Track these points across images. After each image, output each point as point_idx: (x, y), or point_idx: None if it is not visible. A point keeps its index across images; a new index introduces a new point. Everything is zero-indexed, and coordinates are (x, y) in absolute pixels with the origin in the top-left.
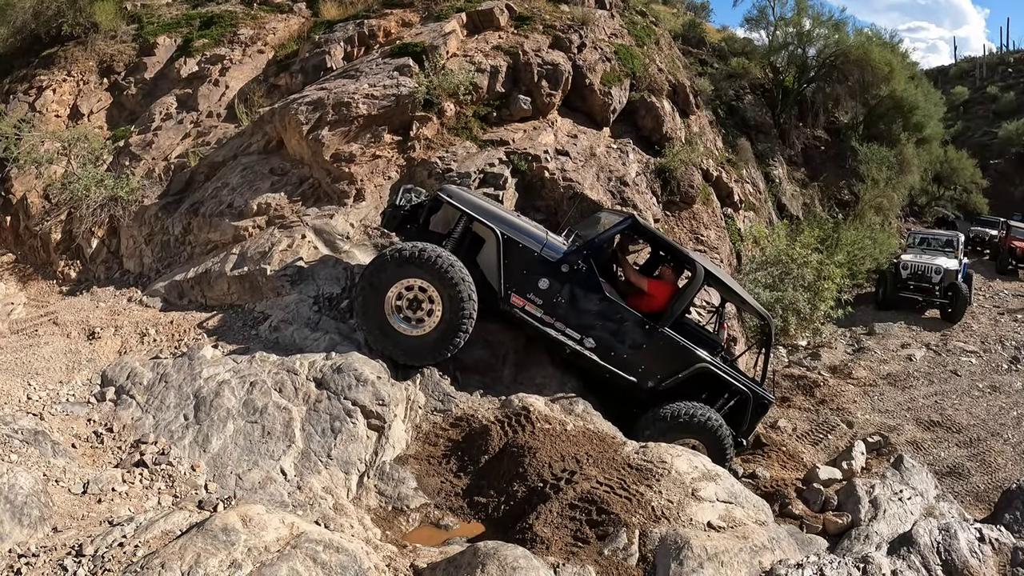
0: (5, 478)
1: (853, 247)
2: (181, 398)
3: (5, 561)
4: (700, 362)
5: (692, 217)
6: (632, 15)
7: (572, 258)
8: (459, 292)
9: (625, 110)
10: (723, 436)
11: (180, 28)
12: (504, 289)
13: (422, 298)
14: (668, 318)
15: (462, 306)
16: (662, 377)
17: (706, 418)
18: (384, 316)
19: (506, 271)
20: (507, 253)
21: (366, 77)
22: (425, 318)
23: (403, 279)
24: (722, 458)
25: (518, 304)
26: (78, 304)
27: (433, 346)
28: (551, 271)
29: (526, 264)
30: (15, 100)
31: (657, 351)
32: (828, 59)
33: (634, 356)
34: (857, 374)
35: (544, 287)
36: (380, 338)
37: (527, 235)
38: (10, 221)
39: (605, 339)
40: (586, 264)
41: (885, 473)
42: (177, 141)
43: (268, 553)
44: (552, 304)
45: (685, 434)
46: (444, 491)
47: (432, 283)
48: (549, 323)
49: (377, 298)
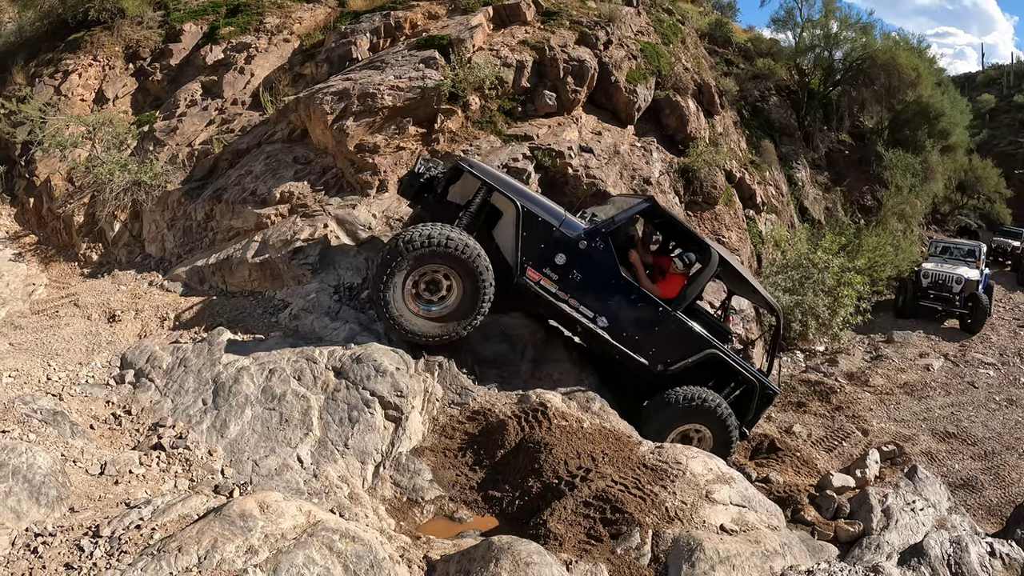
0: (24, 457)
1: (874, 253)
2: (200, 383)
3: (22, 540)
4: (710, 348)
5: (714, 218)
6: (658, 13)
7: (591, 236)
8: (481, 279)
9: (650, 108)
10: (730, 425)
11: (206, 15)
12: (520, 262)
13: (440, 281)
14: (681, 302)
15: (482, 290)
16: (672, 361)
17: (716, 404)
18: (402, 298)
19: (524, 244)
20: (526, 226)
21: (392, 68)
22: (445, 296)
23: (421, 267)
24: (727, 447)
25: (533, 278)
26: (99, 286)
27: (450, 326)
28: (569, 247)
29: (544, 238)
30: (41, 83)
31: (669, 334)
32: (854, 62)
33: (645, 338)
34: (874, 382)
35: (561, 263)
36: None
37: (547, 210)
38: (33, 203)
39: (618, 319)
40: (604, 243)
41: (898, 483)
42: (201, 127)
43: (285, 540)
44: (568, 280)
45: (693, 419)
46: (459, 484)
47: (452, 269)
48: (563, 299)
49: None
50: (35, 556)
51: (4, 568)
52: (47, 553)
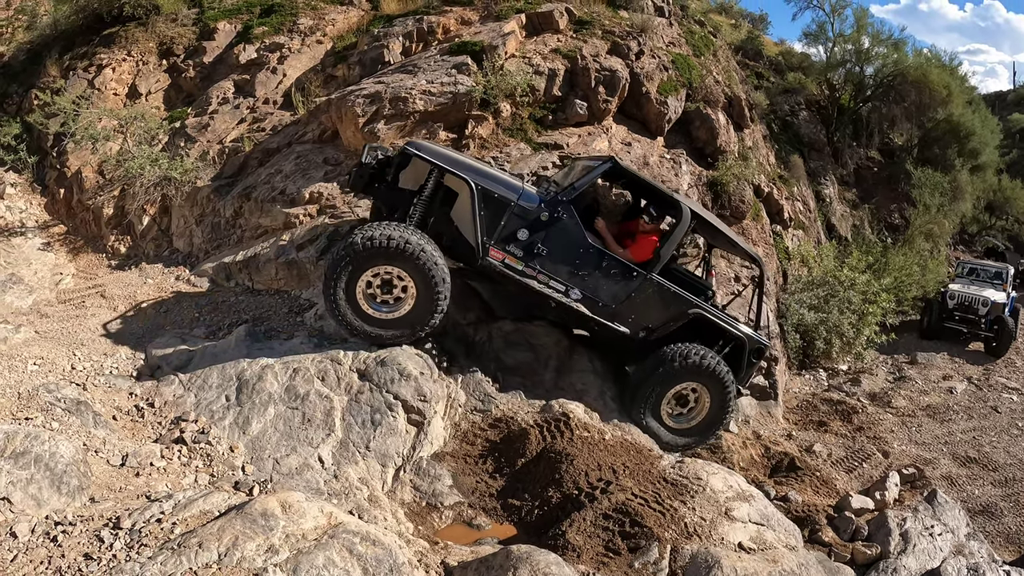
0: (47, 446)
1: (901, 273)
2: (224, 379)
3: (42, 527)
4: (693, 308)
5: (741, 232)
6: (690, 24)
7: (552, 206)
8: (430, 275)
9: (680, 120)
10: (728, 382)
11: (240, 14)
12: (481, 243)
13: (395, 283)
14: (656, 264)
15: (435, 287)
16: (653, 326)
17: (714, 361)
18: (356, 302)
19: (483, 224)
20: (483, 204)
21: (424, 73)
22: (401, 297)
23: (373, 268)
24: (724, 407)
25: (497, 258)
26: (126, 279)
27: (408, 326)
28: (530, 221)
29: (503, 215)
30: (75, 76)
31: (647, 299)
32: (885, 79)
33: (623, 306)
34: (896, 403)
35: (524, 238)
36: (351, 323)
37: (503, 185)
38: (64, 194)
39: (591, 289)
40: (567, 212)
41: (917, 507)
42: (233, 125)
43: (305, 541)
44: (533, 255)
45: (690, 378)
46: (479, 491)
47: (401, 268)
48: (531, 275)
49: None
50: (54, 544)
51: (24, 555)
52: (66, 542)
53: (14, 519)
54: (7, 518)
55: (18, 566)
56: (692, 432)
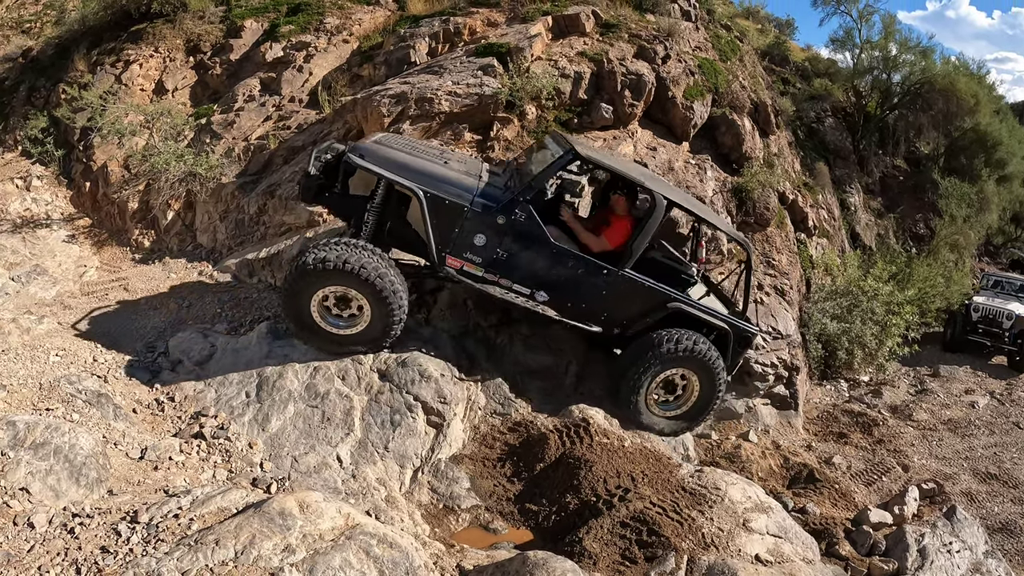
0: (67, 437)
1: (925, 284)
2: (244, 375)
3: (59, 519)
4: (670, 302)
5: (765, 240)
6: (717, 29)
7: (508, 210)
8: (380, 294)
9: (705, 125)
10: (718, 370)
11: (267, 13)
12: (437, 252)
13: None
14: (628, 259)
15: (387, 304)
16: (629, 322)
17: (705, 348)
18: (311, 318)
19: (436, 232)
20: (434, 213)
21: (450, 74)
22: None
23: (325, 287)
24: (713, 395)
25: (455, 266)
26: (149, 272)
27: (367, 341)
28: (487, 226)
29: (457, 222)
30: (102, 72)
31: (620, 296)
32: (912, 86)
33: (594, 304)
34: (918, 416)
35: (481, 243)
36: (310, 337)
37: (456, 187)
38: (89, 187)
39: (559, 290)
40: (524, 212)
41: (936, 522)
42: (258, 123)
43: (323, 541)
44: (493, 260)
45: (679, 365)
46: (496, 494)
47: (349, 287)
48: (492, 281)
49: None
50: (71, 536)
51: (40, 546)
52: (83, 534)
53: (32, 509)
54: (25, 508)
55: (35, 556)
56: (681, 419)
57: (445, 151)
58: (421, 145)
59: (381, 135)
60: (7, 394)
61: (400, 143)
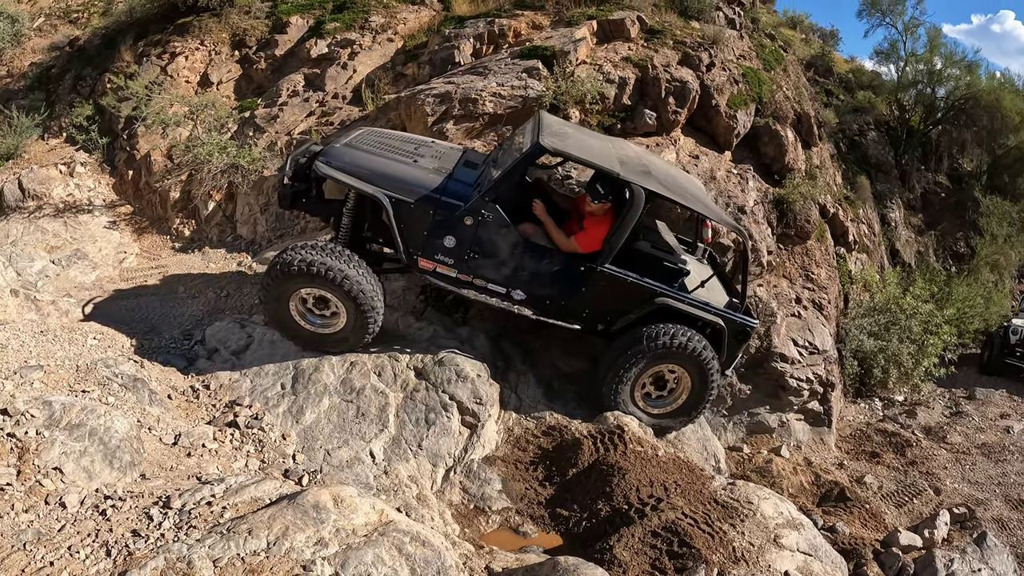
0: (102, 420)
1: (964, 304)
2: (280, 367)
3: (91, 500)
4: (657, 297)
5: (805, 253)
6: (761, 37)
7: (475, 210)
8: (353, 298)
9: (748, 135)
10: (711, 367)
11: (313, 10)
12: (408, 256)
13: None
14: (606, 256)
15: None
16: (612, 318)
17: (696, 343)
18: (292, 318)
19: (404, 236)
20: (400, 217)
21: (494, 76)
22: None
23: (302, 288)
24: (705, 391)
25: (427, 268)
26: (188, 261)
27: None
28: (455, 227)
29: (425, 224)
30: (148, 63)
31: (600, 292)
32: (957, 101)
33: (574, 302)
34: (952, 439)
35: (451, 245)
36: (292, 336)
37: (420, 188)
38: (132, 175)
39: (535, 288)
40: (491, 212)
41: (966, 548)
42: (301, 118)
43: (355, 536)
44: (465, 261)
45: (669, 360)
46: (527, 498)
47: (323, 290)
48: (466, 282)
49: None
50: (103, 518)
51: (71, 526)
52: (115, 517)
53: (64, 489)
54: (58, 488)
55: (65, 536)
56: (672, 415)
57: (422, 144)
58: (396, 140)
59: (356, 133)
60: (44, 375)
61: (371, 142)
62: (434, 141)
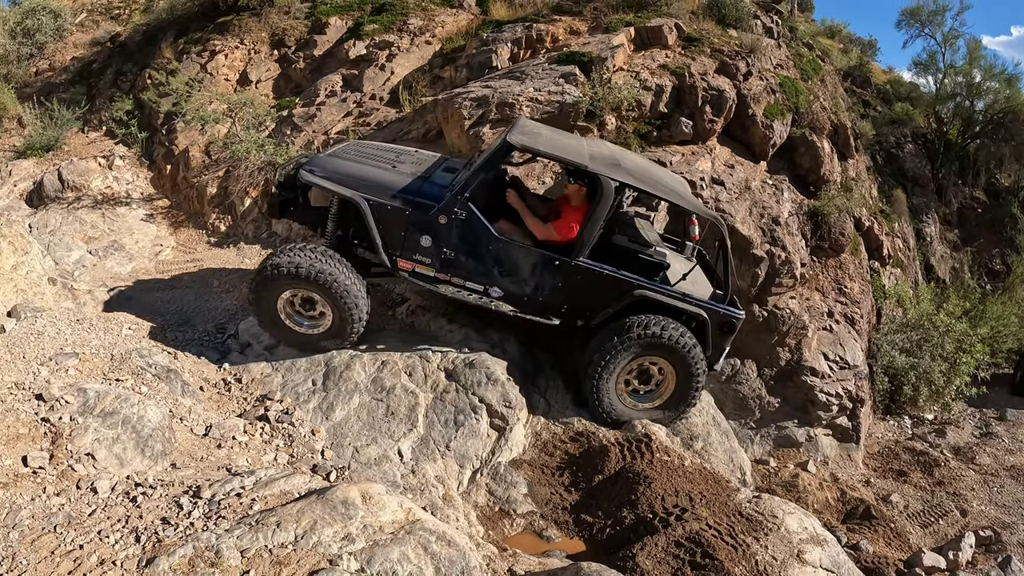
0: (135, 408)
1: (998, 322)
2: (312, 363)
3: (122, 487)
4: (636, 289)
5: (838, 266)
6: (799, 47)
7: (447, 210)
8: (335, 296)
9: (784, 146)
10: (695, 359)
11: (352, 11)
12: (388, 257)
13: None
14: (580, 249)
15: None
16: (591, 313)
17: (679, 335)
18: (280, 318)
19: (383, 238)
20: (379, 219)
21: (531, 80)
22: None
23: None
24: (690, 384)
25: (407, 268)
26: (223, 256)
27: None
28: (430, 227)
29: (401, 226)
30: (188, 60)
31: (577, 287)
32: (996, 115)
33: (551, 297)
34: (980, 460)
35: (428, 244)
36: (281, 336)
37: (397, 190)
38: (170, 170)
39: (512, 285)
40: (464, 210)
41: (990, 572)
42: (339, 118)
43: (382, 534)
44: (442, 260)
45: (652, 352)
46: (552, 502)
47: (309, 290)
48: (444, 280)
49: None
50: (133, 505)
51: (102, 511)
52: (145, 504)
53: (96, 475)
54: (89, 473)
55: (95, 521)
56: (660, 409)
57: (403, 152)
58: (377, 150)
59: (340, 146)
60: (79, 362)
61: (353, 151)
62: (417, 151)
